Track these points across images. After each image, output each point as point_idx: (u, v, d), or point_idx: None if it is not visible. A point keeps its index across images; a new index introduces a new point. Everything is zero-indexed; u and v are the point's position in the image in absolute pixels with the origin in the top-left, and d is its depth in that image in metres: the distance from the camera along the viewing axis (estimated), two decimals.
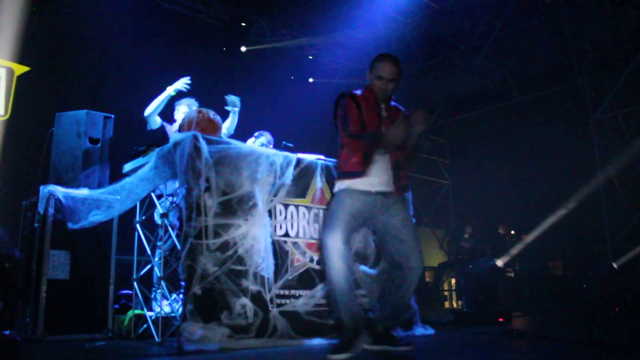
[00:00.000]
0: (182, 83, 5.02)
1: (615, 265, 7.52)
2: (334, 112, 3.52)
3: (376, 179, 3.36)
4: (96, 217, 4.08)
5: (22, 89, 6.93)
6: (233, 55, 9.54)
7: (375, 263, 4.51)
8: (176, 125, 5.28)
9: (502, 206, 11.29)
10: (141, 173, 4.02)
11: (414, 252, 3.34)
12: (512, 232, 11.10)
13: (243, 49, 9.64)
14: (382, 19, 9.77)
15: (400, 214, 3.41)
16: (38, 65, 7.09)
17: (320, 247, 3.46)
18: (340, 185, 3.40)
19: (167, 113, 5.37)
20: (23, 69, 7.00)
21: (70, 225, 4.08)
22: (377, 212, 3.38)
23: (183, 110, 5.31)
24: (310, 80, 10.80)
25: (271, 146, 5.70)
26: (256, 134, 5.87)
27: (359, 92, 3.52)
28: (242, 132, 5.77)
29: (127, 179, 4.09)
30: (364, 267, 4.44)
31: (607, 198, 8.69)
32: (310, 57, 10.82)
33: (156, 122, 5.09)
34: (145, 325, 4.14)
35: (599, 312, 7.08)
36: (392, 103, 3.60)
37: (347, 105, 3.40)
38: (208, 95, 7.66)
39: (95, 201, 4.19)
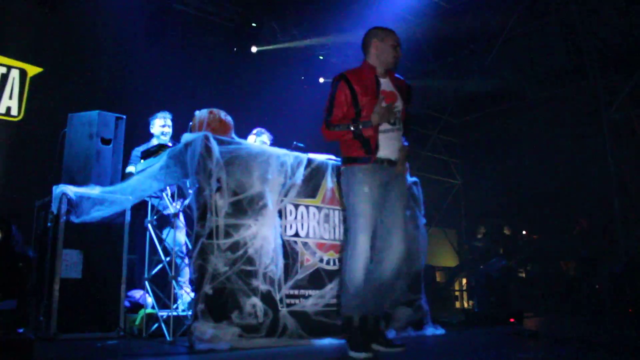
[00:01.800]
0: None
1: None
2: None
3: (386, 150, 3.39)
4: (98, 212, 4.12)
5: (35, 90, 6.98)
6: (244, 56, 9.56)
7: None
8: (153, 141, 5.33)
9: (513, 206, 11.23)
10: (149, 171, 4.06)
11: (398, 231, 3.36)
12: (524, 232, 11.04)
13: (254, 49, 9.66)
14: (393, 18, 9.73)
15: (399, 186, 3.46)
16: (51, 66, 7.14)
17: (344, 245, 3.46)
18: (351, 167, 3.40)
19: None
20: (36, 70, 7.06)
21: (72, 219, 4.12)
22: (387, 183, 3.40)
23: (159, 123, 5.38)
24: (321, 80, 10.80)
25: (268, 144, 5.74)
26: (255, 131, 5.85)
27: (355, 69, 3.52)
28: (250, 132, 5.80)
29: (134, 177, 4.14)
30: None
31: (620, 197, 8.61)
32: (321, 57, 10.82)
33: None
34: (156, 325, 4.16)
35: (612, 313, 7.03)
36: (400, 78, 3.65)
37: (337, 92, 3.41)
38: (219, 95, 7.73)
39: (99, 198, 4.23)
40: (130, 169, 5.23)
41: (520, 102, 10.58)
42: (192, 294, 4.05)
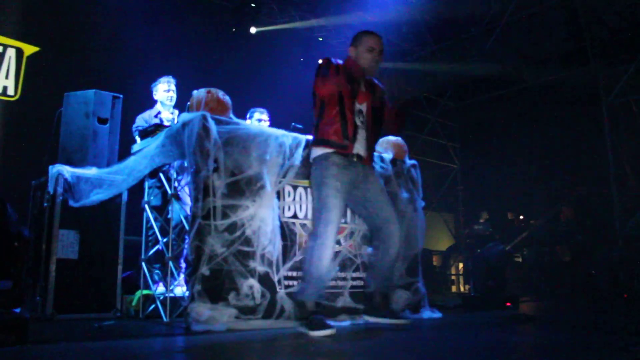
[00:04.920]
0: None
1: None
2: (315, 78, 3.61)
3: (357, 143, 3.52)
4: (98, 195, 4.08)
5: (31, 69, 6.91)
6: (243, 37, 9.48)
7: None
8: (157, 107, 5.24)
9: (511, 191, 11.22)
10: (145, 151, 4.02)
11: (392, 217, 3.55)
12: (521, 217, 11.05)
13: (253, 30, 9.58)
14: (393, 0, 9.65)
15: (376, 182, 3.65)
16: (47, 45, 7.06)
17: (310, 234, 3.58)
18: (319, 151, 3.50)
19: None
20: (32, 49, 6.98)
21: (71, 203, 4.09)
22: (359, 182, 3.54)
23: (163, 88, 5.26)
24: (320, 61, 10.71)
25: (266, 117, 5.70)
26: (248, 114, 5.79)
27: (340, 61, 3.63)
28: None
29: (131, 157, 4.09)
30: (371, 250, 4.43)
31: (618, 183, 8.60)
32: (320, 39, 10.73)
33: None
34: (153, 306, 4.15)
35: (607, 298, 7.04)
36: (374, 80, 3.77)
37: (328, 65, 3.55)
38: (217, 76, 7.65)
39: (97, 180, 4.19)
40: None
41: (520, 87, 10.51)
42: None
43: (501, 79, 10.69)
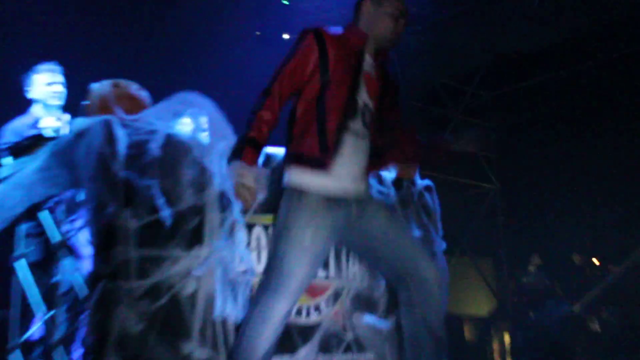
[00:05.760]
0: None
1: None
2: None
3: (345, 170, 3.43)
4: None
5: None
6: (167, 1, 9.53)
7: (388, 312, 4.47)
8: (36, 111, 5.20)
9: (579, 223, 11.28)
10: (19, 178, 3.97)
11: (419, 253, 3.44)
12: (595, 261, 11.12)
13: None
14: None
15: (380, 210, 3.55)
16: None
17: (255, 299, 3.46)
18: (295, 178, 3.42)
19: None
20: None
21: None
22: (353, 222, 3.46)
23: (43, 81, 5.27)
24: (285, 36, 10.79)
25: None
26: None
27: (337, 30, 3.58)
28: None
29: None
30: (370, 319, 4.41)
31: None
32: (286, 2, 10.81)
33: None
34: None
35: None
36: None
37: (297, 50, 3.46)
38: (128, 61, 7.65)
39: None
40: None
41: (586, 65, 10.62)
42: None
43: (558, 55, 10.80)
